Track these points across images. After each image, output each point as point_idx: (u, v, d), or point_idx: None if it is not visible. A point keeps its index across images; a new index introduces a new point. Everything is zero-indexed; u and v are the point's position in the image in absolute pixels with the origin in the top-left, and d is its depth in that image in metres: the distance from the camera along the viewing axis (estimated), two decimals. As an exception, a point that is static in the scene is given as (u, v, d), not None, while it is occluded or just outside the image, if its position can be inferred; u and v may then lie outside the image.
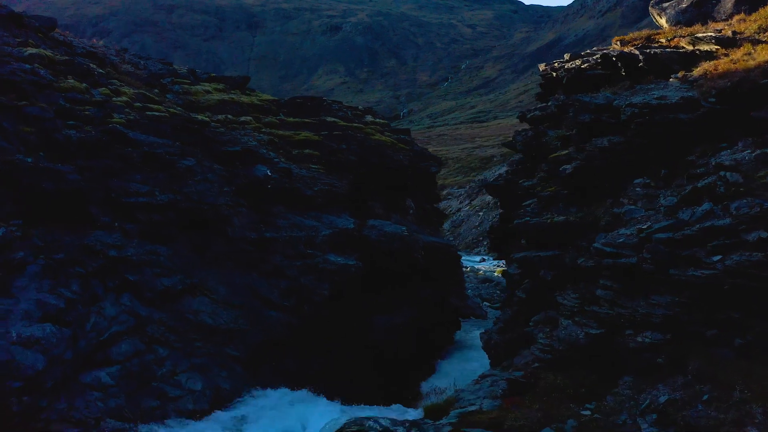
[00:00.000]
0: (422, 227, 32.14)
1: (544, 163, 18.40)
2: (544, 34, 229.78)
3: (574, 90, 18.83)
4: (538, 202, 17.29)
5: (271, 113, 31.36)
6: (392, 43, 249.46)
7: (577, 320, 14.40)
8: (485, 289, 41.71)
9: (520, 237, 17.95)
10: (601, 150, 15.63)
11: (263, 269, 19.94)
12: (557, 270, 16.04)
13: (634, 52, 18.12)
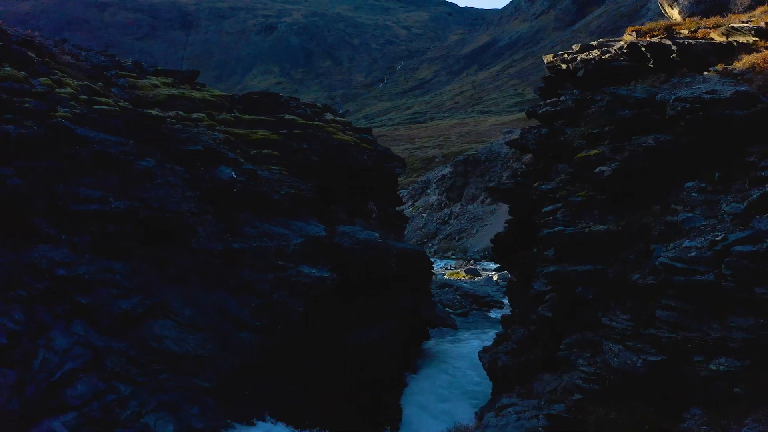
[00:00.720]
0: (387, 232, 29.94)
1: (560, 163, 16.39)
2: (479, 36, 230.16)
3: (593, 83, 16.84)
4: (566, 209, 15.11)
5: (225, 110, 28.74)
6: (327, 43, 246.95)
7: (629, 345, 12.31)
8: (444, 295, 39.63)
9: (543, 248, 15.68)
10: (647, 150, 13.58)
11: (232, 285, 17.35)
12: (599, 287, 13.88)
13: (665, 42, 16.20)
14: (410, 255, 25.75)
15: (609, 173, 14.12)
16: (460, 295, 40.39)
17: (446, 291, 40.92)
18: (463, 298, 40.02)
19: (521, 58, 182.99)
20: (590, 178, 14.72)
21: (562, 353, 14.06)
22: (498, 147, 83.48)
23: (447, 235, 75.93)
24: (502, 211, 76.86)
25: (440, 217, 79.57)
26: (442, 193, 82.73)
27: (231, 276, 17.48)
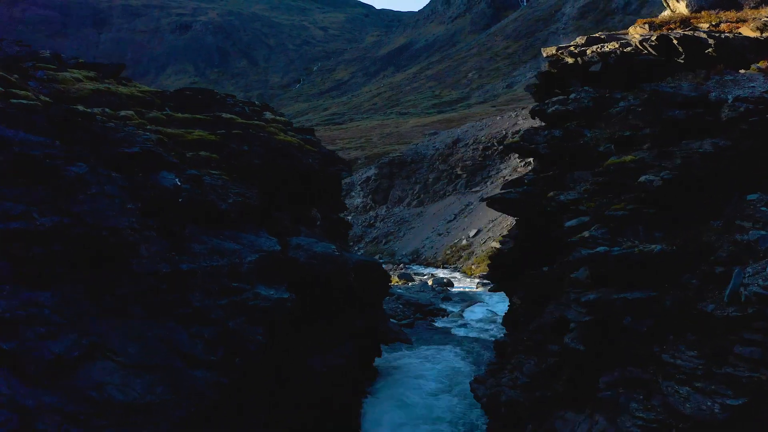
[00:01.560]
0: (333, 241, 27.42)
1: (578, 170, 14.14)
2: (395, 38, 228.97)
3: (613, 79, 14.67)
4: (602, 224, 12.72)
5: (156, 107, 25.64)
6: (243, 43, 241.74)
7: (700, 387, 10.17)
8: (386, 304, 37.21)
9: (568, 269, 13.27)
10: (703, 156, 11.45)
11: (181, 314, 14.45)
12: (654, 318, 11.59)
13: (699, 36, 14.17)
14: (367, 268, 23.25)
15: (659, 183, 11.86)
16: (402, 304, 38.09)
17: (387, 300, 38.52)
18: (406, 308, 37.76)
19: (438, 60, 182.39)
20: (631, 188, 12.46)
21: (603, 394, 11.67)
22: (423, 148, 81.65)
23: (374, 238, 73.63)
24: (429, 213, 75.22)
25: (366, 220, 77.22)
26: (367, 196, 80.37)
27: (180, 303, 14.58)
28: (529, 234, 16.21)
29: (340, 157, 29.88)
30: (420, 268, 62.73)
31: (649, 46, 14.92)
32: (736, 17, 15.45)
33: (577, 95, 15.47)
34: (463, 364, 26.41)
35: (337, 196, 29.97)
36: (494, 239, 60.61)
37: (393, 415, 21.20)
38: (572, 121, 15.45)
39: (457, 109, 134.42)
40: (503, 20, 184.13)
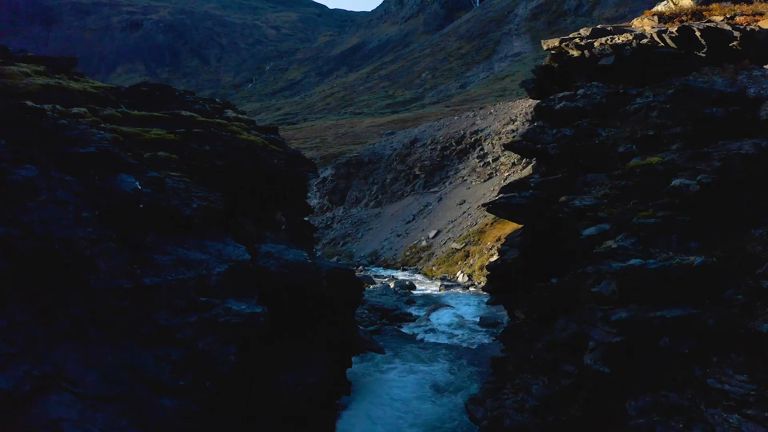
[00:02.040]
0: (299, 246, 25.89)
1: (592, 173, 12.81)
2: (348, 38, 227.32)
3: (628, 74, 13.36)
4: (629, 233, 11.49)
5: (110, 104, 23.79)
6: (195, 42, 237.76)
7: (752, 414, 9.03)
8: (351, 311, 35.87)
9: (588, 281, 11.91)
10: (744, 158, 10.25)
11: (146, 335, 12.76)
12: (695, 338, 10.31)
13: (723, 28, 12.94)
14: (340, 276, 21.71)
15: (697, 188, 10.62)
16: (367, 309, 36.63)
17: (351, 305, 37.12)
18: (372, 313, 36.33)
19: (391, 60, 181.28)
20: (661, 193, 11.19)
21: (635, 421, 10.28)
22: (381, 148, 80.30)
23: (331, 239, 72.00)
24: (387, 214, 73.90)
25: (323, 221, 75.53)
26: (323, 196, 78.70)
27: (144, 322, 12.92)
28: (536, 242, 14.76)
29: (305, 158, 28.32)
30: (380, 270, 61.34)
31: (668, 38, 13.69)
32: (751, 10, 14.36)
33: (586, 91, 14.15)
34: (438, 374, 25.07)
35: (302, 198, 28.46)
36: (454, 240, 59.58)
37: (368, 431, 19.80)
38: (582, 119, 14.11)
39: (411, 109, 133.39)
40: (456, 21, 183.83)
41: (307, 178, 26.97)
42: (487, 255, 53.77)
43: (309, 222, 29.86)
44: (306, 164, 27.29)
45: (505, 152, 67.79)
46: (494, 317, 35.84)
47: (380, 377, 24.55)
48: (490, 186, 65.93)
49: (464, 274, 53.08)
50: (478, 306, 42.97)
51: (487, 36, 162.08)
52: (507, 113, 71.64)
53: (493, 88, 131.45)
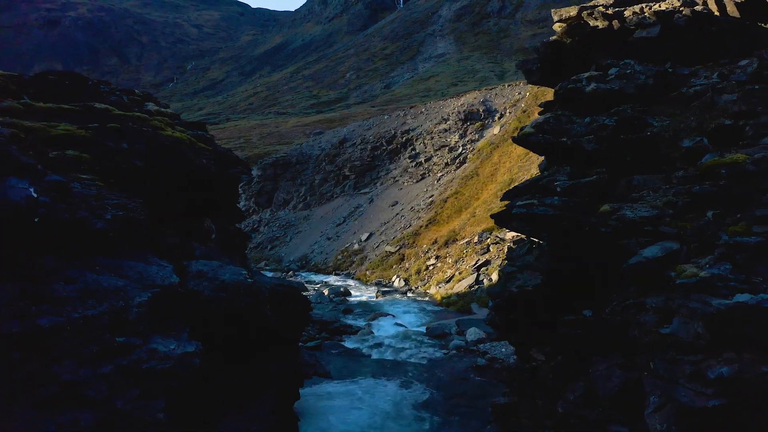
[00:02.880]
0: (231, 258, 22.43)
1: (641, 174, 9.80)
2: (271, 37, 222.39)
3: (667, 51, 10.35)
4: (720, 257, 8.54)
5: (11, 95, 19.83)
6: (114, 40, 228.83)
7: None
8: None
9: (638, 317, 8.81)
10: None
11: (44, 396, 9.32)
12: None
13: None
14: (285, 296, 18.37)
15: None
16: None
17: (287, 318, 33.65)
18: (310, 326, 32.92)
19: (315, 60, 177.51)
20: (758, 202, 8.26)
21: None
22: (309, 148, 76.74)
23: (258, 243, 68.09)
24: (317, 216, 70.45)
25: (249, 225, 71.53)
26: (249, 199, 74.69)
27: (41, 379, 9.40)
28: (563, 265, 11.52)
29: (237, 157, 24.75)
30: (311, 275, 57.90)
31: (734, 5, 10.80)
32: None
33: (622, 70, 11.07)
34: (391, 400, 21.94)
35: (234, 202, 24.90)
36: (388, 243, 56.61)
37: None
38: (622, 106, 11.04)
39: (336, 109, 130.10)
40: (380, 21, 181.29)
41: (240, 180, 23.44)
42: (423, 258, 50.99)
43: (241, 230, 26.30)
44: (238, 164, 23.77)
45: (437, 152, 65.21)
46: (441, 327, 32.98)
47: (329, 407, 21.27)
48: (423, 186, 63.23)
49: (400, 278, 50.13)
50: (419, 313, 40.09)
51: (411, 37, 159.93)
52: (438, 112, 69.08)
53: (418, 88, 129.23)
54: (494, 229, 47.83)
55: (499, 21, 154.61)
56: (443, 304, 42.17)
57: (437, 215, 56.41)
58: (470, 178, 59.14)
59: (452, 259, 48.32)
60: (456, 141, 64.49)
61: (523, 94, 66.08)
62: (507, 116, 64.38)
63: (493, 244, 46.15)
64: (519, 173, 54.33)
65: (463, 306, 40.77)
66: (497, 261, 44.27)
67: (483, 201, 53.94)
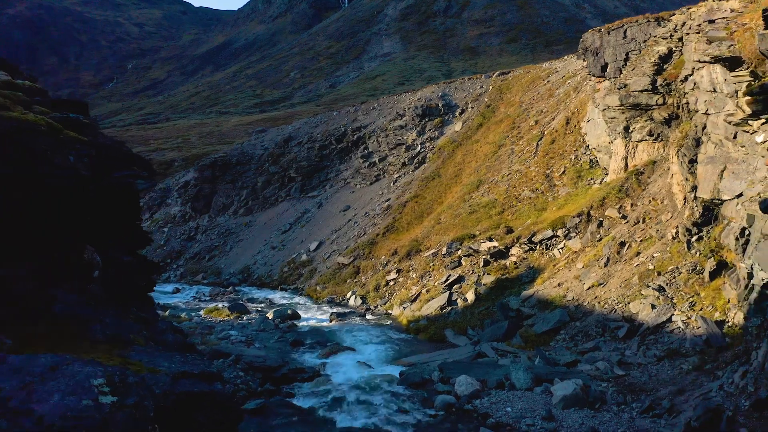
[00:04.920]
0: (125, 308, 13.92)
1: None
2: (214, 36, 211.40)
3: None
4: None
5: None
6: (53, 39, 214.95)
7: None
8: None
9: None
10: None
11: None
12: None
13: None
14: (196, 401, 9.75)
15: None
16: (242, 369, 24.50)
17: (221, 362, 24.76)
18: (249, 374, 24.27)
19: (258, 59, 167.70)
20: None
21: None
22: (250, 148, 67.71)
23: (195, 254, 58.89)
24: (259, 223, 61.34)
25: (185, 232, 62.22)
26: (185, 203, 65.28)
27: None
28: None
29: (135, 155, 16.04)
30: (253, 291, 49.00)
31: None
32: None
33: None
34: None
35: (131, 221, 16.07)
36: (340, 253, 48.09)
37: None
38: None
39: (280, 108, 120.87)
40: (325, 20, 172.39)
41: (136, 189, 14.70)
42: (382, 272, 42.63)
43: (145, 258, 17.46)
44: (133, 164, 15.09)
45: (393, 151, 56.85)
46: (419, 373, 24.65)
47: None
48: (378, 189, 54.87)
49: (356, 295, 41.69)
50: (384, 344, 31.81)
51: (356, 36, 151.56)
52: (393, 108, 60.74)
53: (364, 87, 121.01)
54: (465, 238, 39.74)
55: (445, 20, 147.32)
56: (411, 331, 33.92)
57: (395, 222, 48.11)
58: (431, 179, 50.98)
59: (417, 274, 40.10)
60: (413, 139, 56.28)
61: (486, 88, 58.26)
62: (469, 111, 56.46)
63: (465, 257, 38.08)
64: (488, 174, 46.42)
65: (436, 333, 32.62)
66: (472, 277, 36.23)
67: (448, 206, 45.84)
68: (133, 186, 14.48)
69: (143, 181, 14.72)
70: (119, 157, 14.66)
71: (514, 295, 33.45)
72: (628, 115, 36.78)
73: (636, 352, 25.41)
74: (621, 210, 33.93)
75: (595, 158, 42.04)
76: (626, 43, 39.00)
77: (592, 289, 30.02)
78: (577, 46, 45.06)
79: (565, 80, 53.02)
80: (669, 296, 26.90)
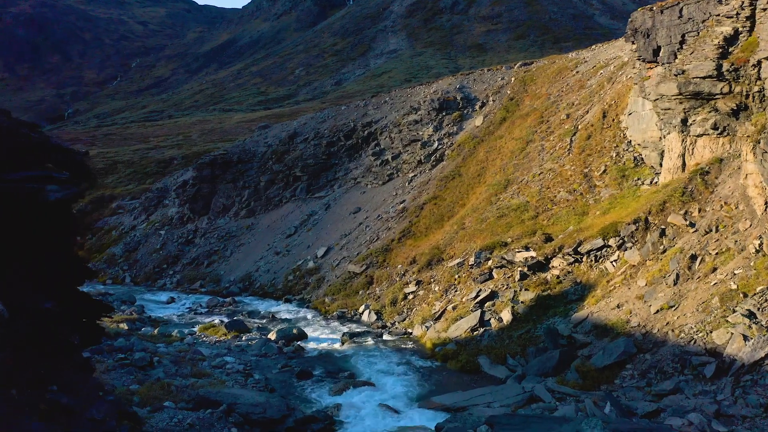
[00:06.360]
0: (26, 398, 7.94)
1: None
2: (219, 34, 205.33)
3: None
4: None
5: None
6: (57, 37, 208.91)
7: None
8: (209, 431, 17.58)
9: None
10: None
11: None
12: None
13: None
14: None
15: None
16: (236, 423, 18.46)
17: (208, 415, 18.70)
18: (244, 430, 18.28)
19: (263, 57, 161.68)
20: None
21: None
22: (253, 145, 61.77)
23: (193, 259, 53.00)
24: (262, 226, 55.24)
25: (183, 235, 56.32)
26: (183, 204, 59.34)
27: None
28: None
29: (55, 147, 9.99)
30: (255, 302, 43.13)
31: None
32: None
33: None
34: None
35: (51, 246, 10.07)
36: (351, 260, 42.23)
37: None
38: None
39: (285, 105, 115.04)
40: (330, 18, 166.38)
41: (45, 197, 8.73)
42: (399, 283, 36.77)
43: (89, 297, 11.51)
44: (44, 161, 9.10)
45: (407, 147, 50.90)
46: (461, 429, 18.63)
47: None
48: (391, 189, 48.95)
49: (370, 310, 35.80)
50: (407, 375, 26.13)
51: (362, 33, 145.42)
52: (406, 101, 54.73)
53: (370, 84, 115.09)
54: (495, 246, 33.85)
55: (452, 17, 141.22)
56: (438, 357, 28.11)
57: (412, 225, 42.20)
58: (451, 179, 45.05)
59: (440, 287, 34.24)
60: (430, 134, 50.31)
61: (508, 80, 52.28)
62: (490, 104, 50.47)
63: (497, 268, 32.18)
64: (516, 173, 40.50)
65: (468, 361, 26.82)
66: (506, 292, 30.36)
67: (472, 208, 39.92)
68: (42, 194, 8.66)
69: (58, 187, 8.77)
70: (25, 150, 8.82)
71: (560, 316, 27.62)
72: (687, 105, 30.97)
73: (733, 399, 19.58)
74: (687, 216, 28.05)
75: (639, 155, 36.13)
76: (682, 23, 33.00)
77: (661, 312, 24.16)
78: (585, 42, 39.20)
79: (596, 70, 47.10)
80: (764, 324, 21.14)
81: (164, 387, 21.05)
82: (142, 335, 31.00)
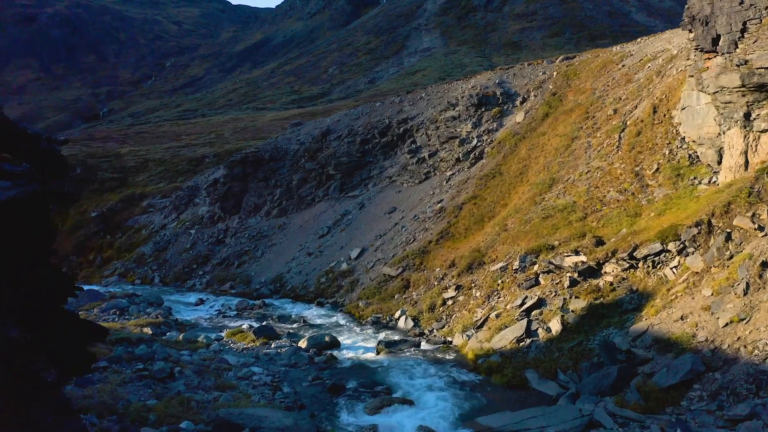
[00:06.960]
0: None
1: None
2: (252, 34, 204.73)
3: None
4: None
5: None
6: (92, 37, 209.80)
7: None
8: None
9: None
10: None
11: None
12: None
13: None
14: None
15: None
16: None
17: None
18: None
19: (296, 56, 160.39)
20: None
21: None
22: (285, 142, 59.85)
23: (223, 259, 51.23)
24: (294, 225, 53.35)
25: (213, 235, 54.61)
26: (214, 203, 57.64)
27: None
28: None
29: (17, 130, 7.84)
30: (286, 305, 41.16)
31: None
32: None
33: None
34: None
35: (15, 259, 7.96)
36: (386, 262, 40.03)
37: None
38: None
39: (318, 104, 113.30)
40: (363, 16, 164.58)
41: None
42: (437, 288, 34.49)
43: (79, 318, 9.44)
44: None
45: (445, 145, 48.60)
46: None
47: None
48: (428, 188, 46.67)
49: (407, 316, 33.57)
50: (449, 389, 23.86)
51: (395, 31, 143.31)
52: (443, 97, 52.42)
53: (404, 83, 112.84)
54: (542, 250, 31.36)
55: (486, 15, 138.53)
56: (481, 370, 25.76)
57: (451, 227, 39.89)
58: (491, 177, 42.64)
59: (481, 293, 31.89)
60: (468, 131, 47.92)
61: (549, 74, 49.68)
62: (532, 100, 47.92)
63: (543, 273, 29.74)
64: (561, 171, 37.94)
65: (515, 376, 24.42)
66: (555, 300, 27.91)
67: (514, 209, 37.48)
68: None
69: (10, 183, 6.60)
70: None
71: (615, 327, 25.12)
72: (751, 98, 28.24)
73: (823, 428, 17.07)
74: (755, 219, 25.37)
75: (694, 153, 33.37)
76: (743, 9, 30.19)
77: (731, 326, 21.57)
78: (621, 40, 36.41)
79: (643, 64, 44.31)
80: None
81: (183, 403, 19.15)
82: (166, 341, 29.19)
